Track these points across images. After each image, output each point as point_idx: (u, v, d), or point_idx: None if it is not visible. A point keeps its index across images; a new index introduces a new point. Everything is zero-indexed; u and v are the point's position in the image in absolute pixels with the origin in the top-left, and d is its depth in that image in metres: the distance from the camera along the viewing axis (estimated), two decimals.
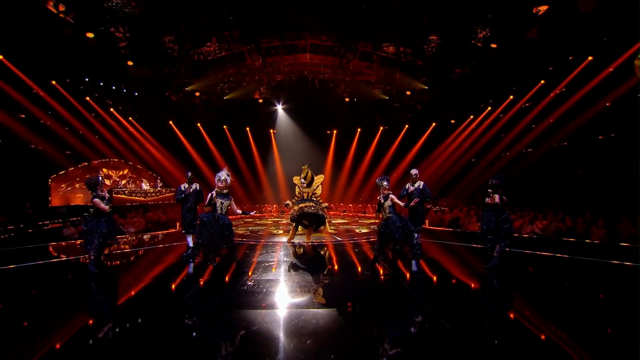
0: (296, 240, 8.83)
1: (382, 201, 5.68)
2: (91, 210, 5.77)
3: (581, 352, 3.03)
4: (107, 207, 5.69)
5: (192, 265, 5.72)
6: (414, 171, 7.07)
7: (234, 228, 5.67)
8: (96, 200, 5.62)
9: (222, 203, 5.38)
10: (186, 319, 3.83)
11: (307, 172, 8.38)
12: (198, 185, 7.20)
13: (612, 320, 3.80)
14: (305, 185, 8.30)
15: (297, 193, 8.53)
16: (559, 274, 5.88)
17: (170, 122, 18.21)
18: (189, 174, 7.21)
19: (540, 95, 13.77)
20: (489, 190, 5.94)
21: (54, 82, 12.91)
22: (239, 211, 5.68)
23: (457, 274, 5.73)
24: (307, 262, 6.90)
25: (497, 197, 5.73)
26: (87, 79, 14.19)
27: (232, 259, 5.67)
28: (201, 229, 5.29)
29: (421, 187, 6.94)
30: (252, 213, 5.97)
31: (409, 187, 7.01)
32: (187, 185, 7.09)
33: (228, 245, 5.41)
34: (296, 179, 8.70)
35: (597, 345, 3.19)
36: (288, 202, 8.64)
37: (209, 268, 5.70)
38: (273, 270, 5.90)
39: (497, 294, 4.91)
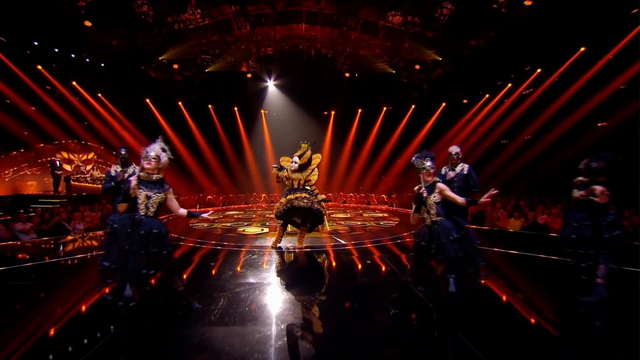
0: (284, 243, 6.66)
1: (425, 195, 3.44)
2: None
3: None
4: None
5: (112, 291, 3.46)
6: (454, 149, 4.90)
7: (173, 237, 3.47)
8: None
9: (148, 197, 3.20)
10: None
11: (306, 151, 6.18)
12: (137, 168, 4.97)
13: None
14: (296, 168, 6.08)
15: (282, 177, 6.33)
16: None
17: (147, 100, 15.88)
18: (123, 152, 4.99)
19: (579, 67, 11.42)
20: (582, 178, 3.80)
21: None
22: (182, 211, 3.50)
23: (544, 313, 3.56)
24: (298, 283, 4.76)
25: (598, 190, 3.58)
26: (36, 43, 11.72)
27: (173, 287, 3.46)
28: (108, 244, 3.11)
29: (466, 172, 4.80)
30: (205, 215, 3.72)
31: (448, 172, 4.87)
32: (119, 169, 4.89)
33: (159, 269, 3.20)
34: (285, 160, 6.48)
35: None
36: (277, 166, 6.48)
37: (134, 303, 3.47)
38: (246, 307, 3.72)
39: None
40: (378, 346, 2.88)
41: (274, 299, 3.92)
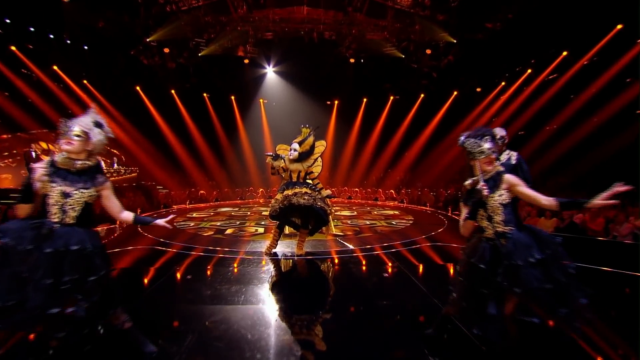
0: (280, 249, 5.58)
1: (486, 192, 2.27)
2: None
3: None
4: None
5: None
6: (499, 131, 3.78)
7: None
8: None
9: (65, 195, 2.11)
10: None
11: (308, 137, 5.08)
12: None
13: None
14: (296, 156, 4.99)
15: (278, 168, 5.26)
16: None
17: (138, 88, 14.81)
18: None
19: (615, 46, 10.14)
20: None
21: None
22: (126, 215, 2.40)
23: None
24: (296, 303, 3.68)
25: None
26: (8, 21, 10.60)
27: (114, 325, 2.36)
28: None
29: (514, 162, 3.70)
30: (161, 222, 2.50)
31: None
32: None
33: (82, 305, 2.08)
34: (282, 148, 5.41)
35: None
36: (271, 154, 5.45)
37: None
38: (223, 348, 2.65)
39: None
40: None
41: (264, 332, 2.83)
